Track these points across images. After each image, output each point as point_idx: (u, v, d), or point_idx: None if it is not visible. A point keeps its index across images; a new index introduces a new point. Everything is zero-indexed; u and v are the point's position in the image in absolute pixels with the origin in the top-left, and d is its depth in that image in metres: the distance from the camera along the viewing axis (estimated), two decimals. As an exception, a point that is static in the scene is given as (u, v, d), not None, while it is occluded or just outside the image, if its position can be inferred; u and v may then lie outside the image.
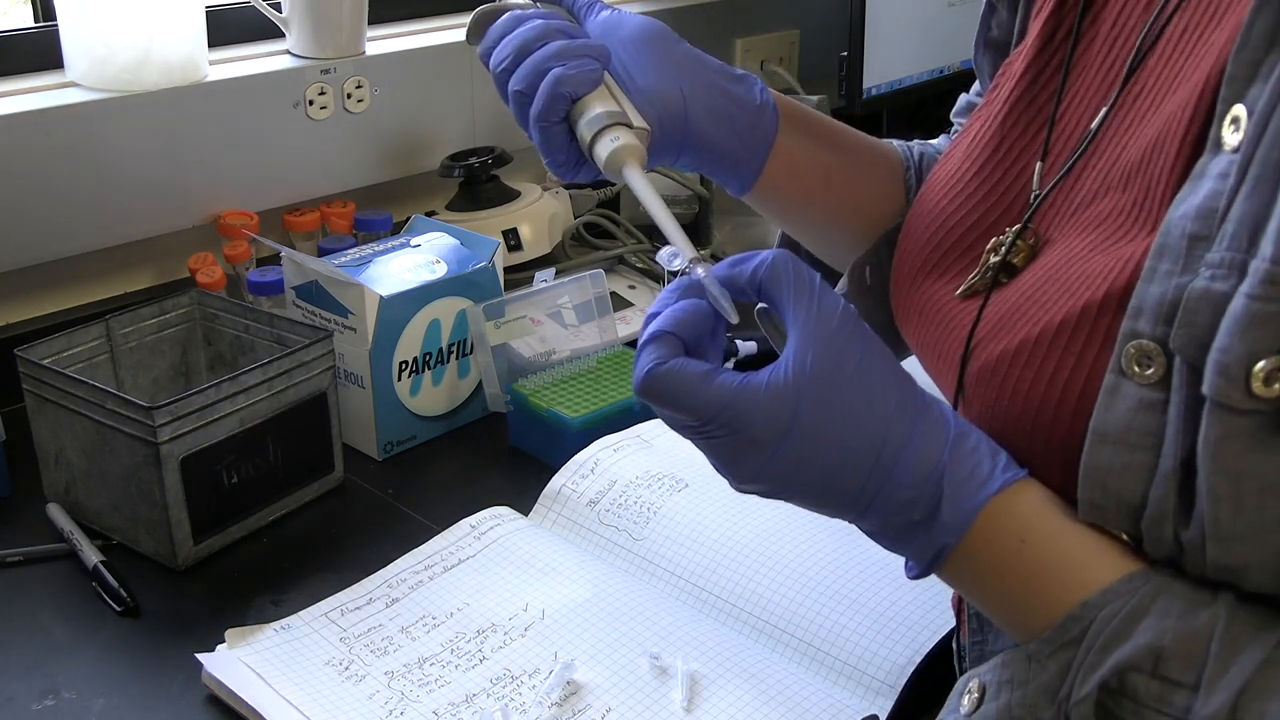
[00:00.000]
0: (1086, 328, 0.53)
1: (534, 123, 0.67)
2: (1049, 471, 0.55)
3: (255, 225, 1.27)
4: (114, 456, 0.93)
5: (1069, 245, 0.58)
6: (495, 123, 1.50)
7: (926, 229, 0.68)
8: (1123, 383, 0.51)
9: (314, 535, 1.00)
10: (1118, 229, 0.56)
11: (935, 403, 0.57)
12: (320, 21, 1.32)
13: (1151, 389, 0.50)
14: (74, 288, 1.25)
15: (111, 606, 0.90)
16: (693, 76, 0.68)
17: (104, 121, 1.19)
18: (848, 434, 0.55)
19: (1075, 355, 0.54)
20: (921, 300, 0.67)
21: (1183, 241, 0.49)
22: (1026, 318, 0.57)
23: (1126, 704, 0.49)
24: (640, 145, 0.65)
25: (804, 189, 0.75)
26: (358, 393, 1.08)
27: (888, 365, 0.56)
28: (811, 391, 0.54)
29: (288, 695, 0.79)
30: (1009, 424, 0.56)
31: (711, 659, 0.82)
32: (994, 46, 0.76)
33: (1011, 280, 0.60)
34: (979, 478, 0.55)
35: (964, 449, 0.55)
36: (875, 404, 0.55)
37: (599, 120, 0.65)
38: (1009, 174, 0.65)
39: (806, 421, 0.54)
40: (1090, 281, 0.54)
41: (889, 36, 1.53)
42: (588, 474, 1.00)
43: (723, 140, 0.70)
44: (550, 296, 1.17)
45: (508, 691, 0.80)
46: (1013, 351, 0.57)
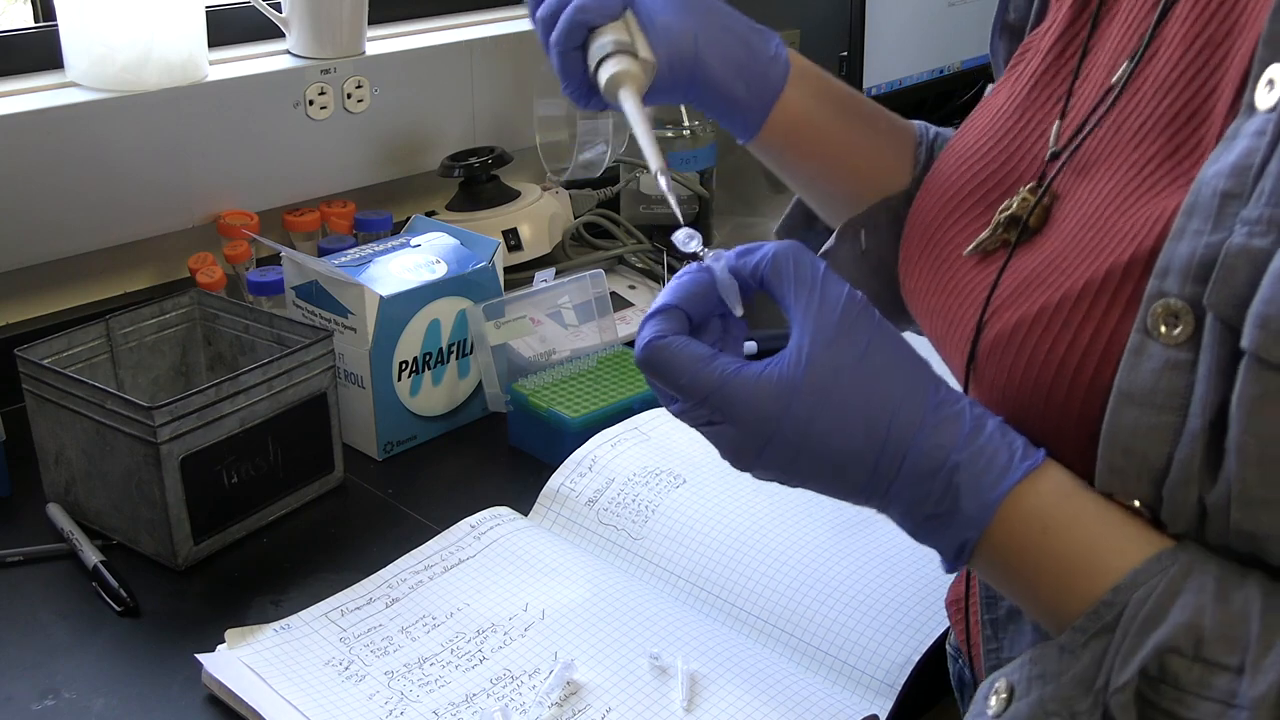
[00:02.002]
0: (1110, 291, 0.53)
1: (553, 47, 0.71)
2: (1063, 441, 0.55)
3: (255, 225, 1.27)
4: (114, 456, 0.93)
5: (1086, 204, 0.57)
6: (495, 123, 1.50)
7: (942, 192, 0.68)
8: (1148, 343, 0.50)
9: (314, 535, 1.00)
10: (1140, 186, 0.55)
11: (952, 394, 0.56)
12: (320, 21, 1.32)
13: (1178, 349, 0.49)
14: (74, 288, 1.25)
15: (111, 606, 0.90)
16: (710, 21, 0.72)
17: (104, 121, 1.19)
18: (846, 429, 0.54)
19: (1097, 320, 0.53)
20: (933, 263, 0.66)
21: (1214, 200, 0.49)
22: (1046, 283, 0.56)
23: (1167, 691, 0.48)
24: (640, 74, 0.69)
25: (806, 145, 0.77)
26: (358, 393, 1.08)
27: (896, 357, 0.56)
28: (805, 386, 0.54)
29: (288, 695, 0.79)
30: (1024, 393, 0.56)
31: (711, 659, 0.82)
32: (1010, 31, 0.76)
33: (1029, 244, 0.60)
34: (997, 468, 0.54)
35: (980, 439, 0.54)
36: (877, 399, 0.55)
37: (605, 47, 0.69)
38: (1029, 137, 0.65)
39: (800, 415, 0.54)
40: (1115, 245, 0.54)
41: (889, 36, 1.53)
42: (586, 471, 1.00)
43: (730, 85, 0.73)
44: (550, 296, 1.17)
45: (508, 691, 0.80)
46: (1031, 318, 0.56)
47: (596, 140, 1.37)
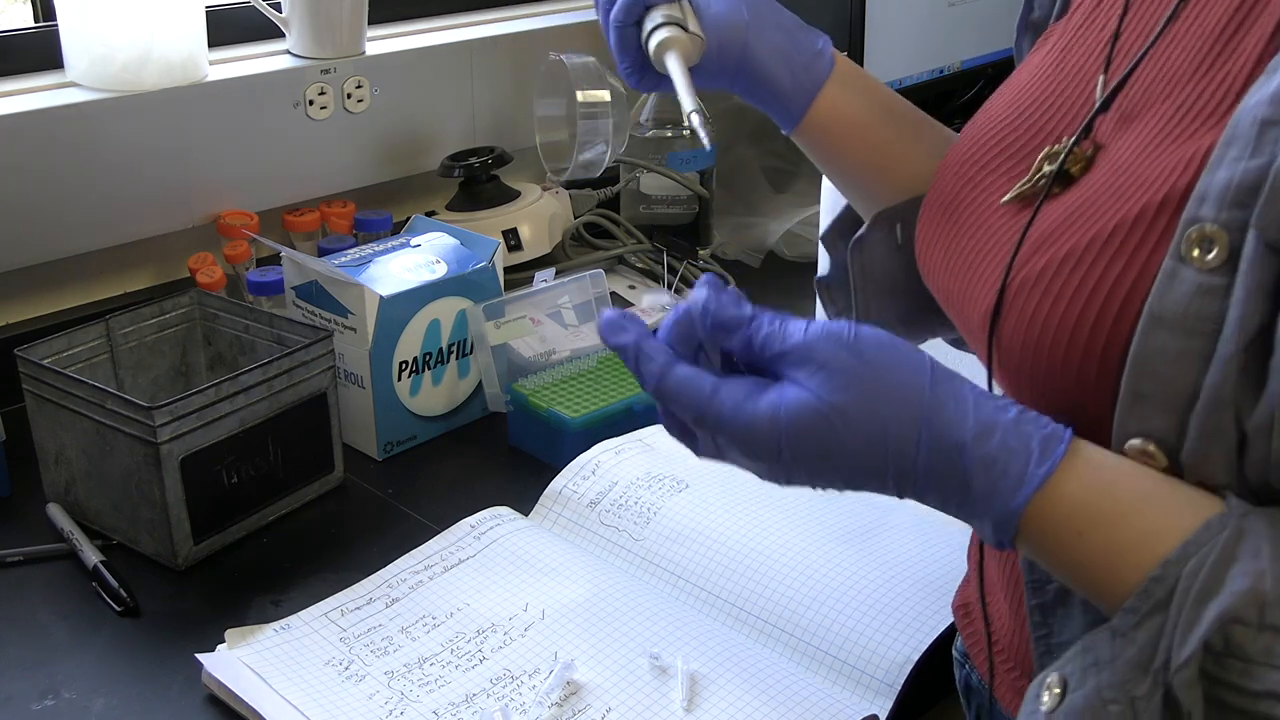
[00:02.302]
0: (1142, 229, 0.53)
1: (611, 23, 0.76)
2: (1085, 382, 0.54)
3: (255, 225, 1.27)
4: (114, 456, 0.93)
5: (1123, 152, 0.57)
6: (495, 123, 1.50)
7: (978, 141, 0.68)
8: (1181, 268, 0.50)
9: (314, 535, 1.00)
10: (1173, 131, 0.55)
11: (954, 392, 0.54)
12: (320, 21, 1.32)
13: (1212, 274, 0.49)
14: (74, 288, 1.25)
15: (111, 606, 0.90)
16: (760, 13, 0.76)
17: (104, 121, 1.19)
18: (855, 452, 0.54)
19: (1127, 256, 0.53)
20: (961, 214, 0.66)
21: (1253, 128, 0.49)
22: (1076, 227, 0.56)
23: (1233, 664, 0.47)
24: (688, 44, 0.74)
25: (845, 138, 0.79)
26: (358, 393, 1.08)
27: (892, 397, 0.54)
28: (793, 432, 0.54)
29: (288, 695, 0.79)
30: (1047, 337, 0.55)
31: (711, 659, 0.82)
32: (1034, 29, 0.76)
33: (1064, 193, 0.59)
34: (1011, 480, 0.53)
35: (987, 452, 0.53)
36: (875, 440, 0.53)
37: (656, 18, 0.74)
38: (1069, 92, 0.64)
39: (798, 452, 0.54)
40: (1148, 185, 0.54)
41: (889, 36, 1.53)
42: (589, 475, 1.00)
43: (775, 72, 0.76)
44: (550, 296, 1.17)
45: (508, 691, 0.80)
46: (1060, 259, 0.56)
47: (596, 140, 1.37)
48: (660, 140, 1.46)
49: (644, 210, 1.48)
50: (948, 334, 0.82)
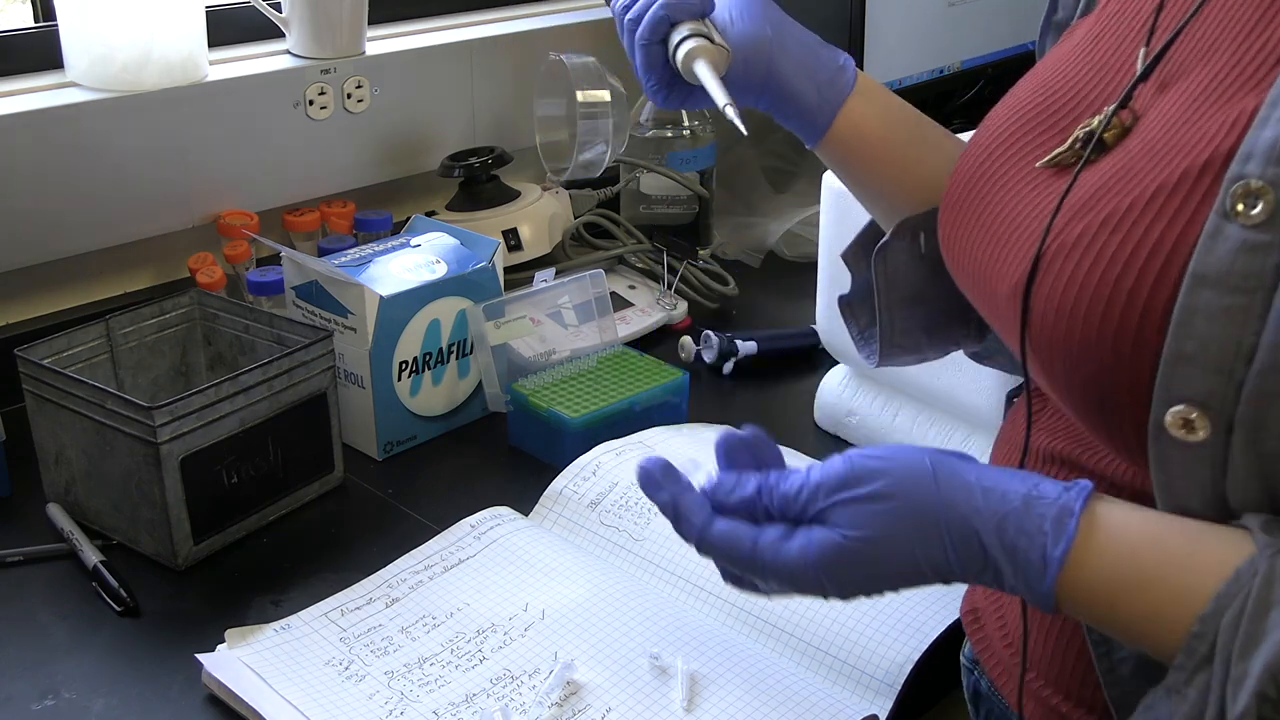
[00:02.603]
0: (1185, 190, 0.53)
1: (637, 42, 0.78)
2: (1123, 347, 0.54)
3: (255, 225, 1.27)
4: (114, 456, 0.93)
5: (1161, 118, 0.57)
6: (495, 123, 1.50)
7: (1005, 122, 0.67)
8: (1225, 225, 0.50)
9: (314, 535, 1.00)
10: (1216, 95, 0.55)
11: (966, 517, 0.56)
12: (320, 21, 1.32)
13: (1256, 230, 0.49)
14: (74, 288, 1.25)
15: (111, 606, 0.90)
16: (783, 31, 0.78)
17: (104, 121, 1.19)
18: (890, 580, 0.57)
19: (1169, 217, 0.53)
20: (991, 182, 0.66)
21: None
22: (1116, 191, 0.56)
23: None
24: (715, 53, 0.76)
25: (868, 150, 0.80)
26: (358, 393, 1.08)
27: (906, 512, 0.56)
28: (827, 569, 0.57)
29: (288, 695, 0.79)
30: (1084, 298, 0.55)
31: (711, 659, 0.82)
32: (1058, 29, 0.76)
33: (1102, 159, 0.59)
34: (1034, 567, 0.54)
35: (1006, 542, 0.54)
36: (905, 555, 0.56)
37: (683, 32, 0.77)
38: (1107, 65, 0.64)
39: (841, 583, 0.58)
40: (1189, 149, 0.54)
41: (889, 36, 1.53)
42: (589, 476, 1.00)
43: (801, 87, 0.78)
44: (550, 296, 1.17)
45: (508, 691, 0.80)
46: (1099, 223, 0.56)
47: (596, 140, 1.37)
48: (660, 140, 1.46)
49: (644, 210, 1.48)
50: (970, 345, 0.82)
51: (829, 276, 1.10)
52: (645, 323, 1.32)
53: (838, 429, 1.14)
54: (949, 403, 1.03)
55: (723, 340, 1.25)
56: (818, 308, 1.12)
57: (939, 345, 0.82)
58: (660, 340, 1.32)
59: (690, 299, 1.38)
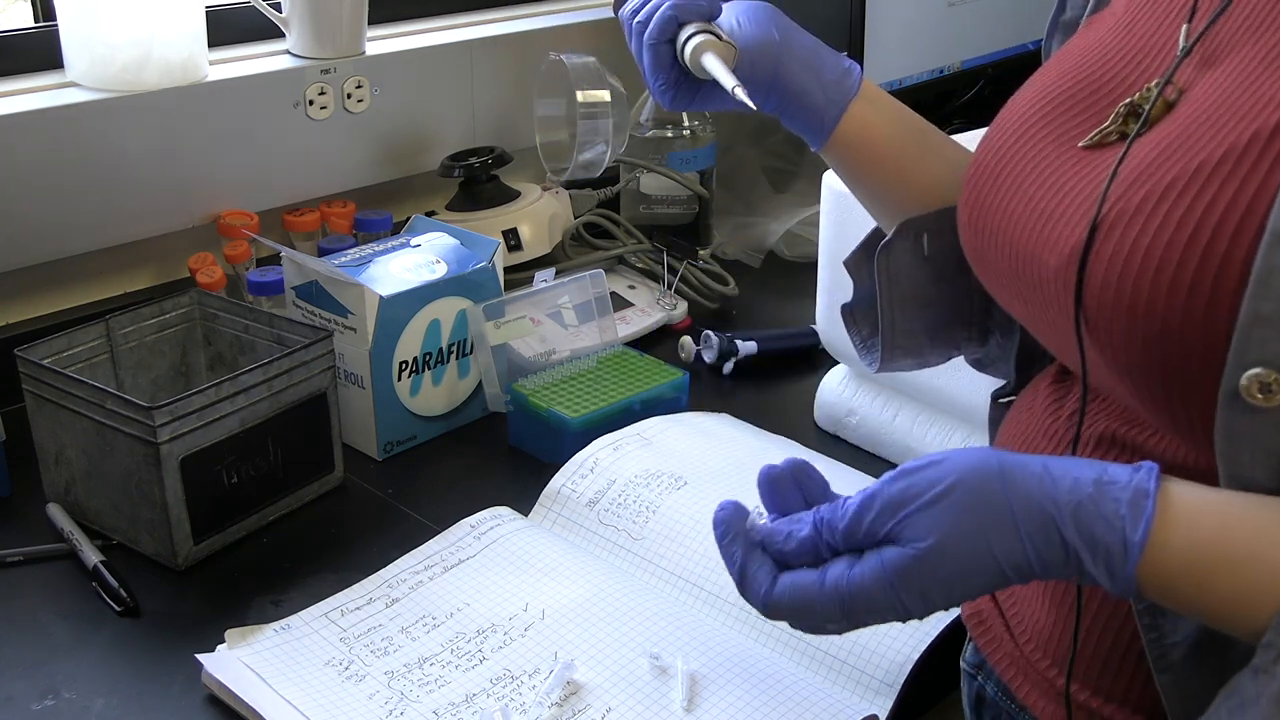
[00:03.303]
0: (1256, 151, 0.52)
1: (646, 43, 0.79)
2: (1193, 312, 0.52)
3: (255, 225, 1.27)
4: (114, 456, 0.93)
5: (1214, 90, 0.57)
6: (495, 123, 1.50)
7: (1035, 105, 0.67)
8: None
9: (314, 535, 1.00)
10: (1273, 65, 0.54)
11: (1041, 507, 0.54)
12: (320, 21, 1.32)
13: None
14: (74, 288, 1.25)
15: (111, 606, 0.90)
16: (789, 35, 0.80)
17: (104, 121, 1.19)
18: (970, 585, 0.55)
19: (1241, 178, 0.52)
20: (1027, 162, 0.65)
21: None
22: (1176, 158, 0.55)
23: None
24: (723, 48, 0.77)
25: (872, 153, 0.81)
26: (358, 393, 1.08)
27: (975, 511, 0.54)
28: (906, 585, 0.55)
29: (288, 695, 0.79)
30: (1150, 263, 0.54)
31: (711, 659, 0.82)
32: (1066, 29, 0.76)
33: (1151, 132, 0.58)
34: (1115, 553, 0.52)
35: (1083, 532, 0.53)
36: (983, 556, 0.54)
37: (690, 29, 0.78)
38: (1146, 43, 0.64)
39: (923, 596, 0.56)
40: (1254, 114, 0.53)
41: (889, 36, 1.53)
42: (587, 473, 1.00)
43: (806, 88, 0.79)
44: (550, 296, 1.17)
45: (508, 691, 0.80)
46: (1162, 189, 0.54)
47: (596, 140, 1.37)
48: (660, 140, 1.46)
49: (644, 210, 1.48)
50: (972, 351, 0.82)
51: (829, 276, 1.10)
52: (645, 323, 1.32)
53: (838, 429, 1.14)
54: (949, 403, 1.03)
55: (723, 340, 1.25)
56: (818, 308, 1.12)
57: (940, 349, 0.82)
58: (660, 340, 1.32)
59: (690, 299, 1.38)
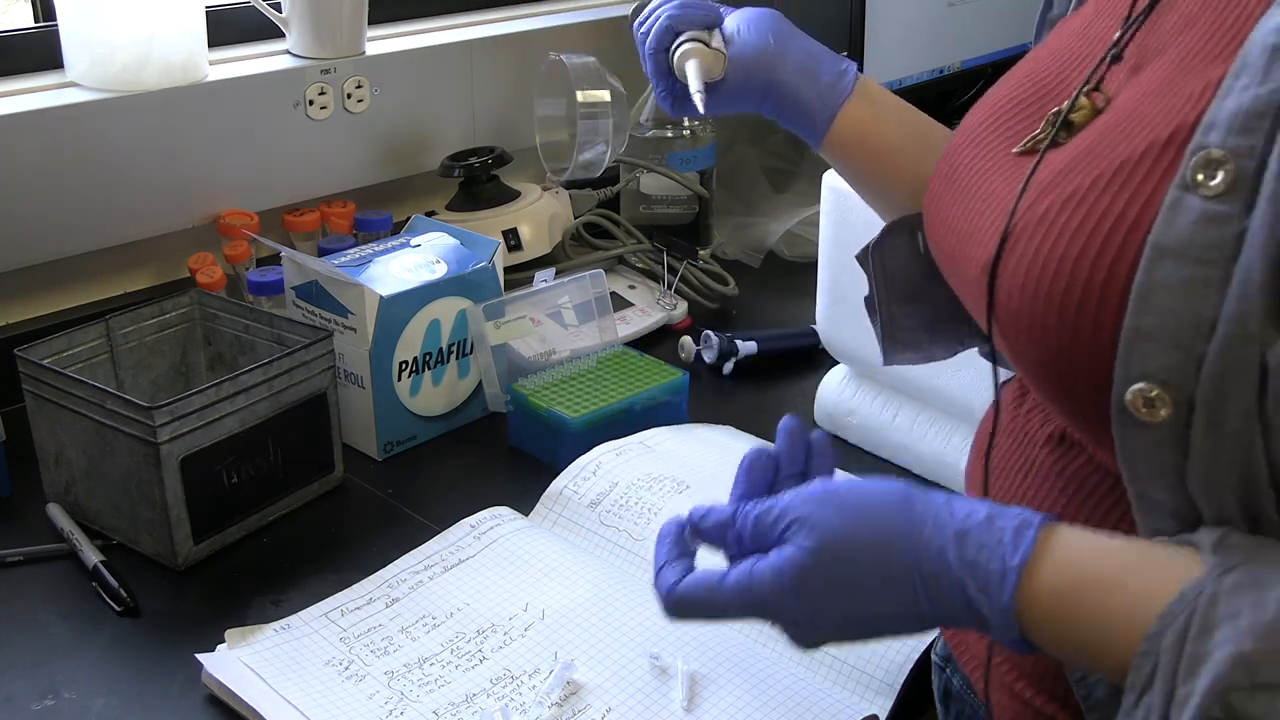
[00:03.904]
0: (1148, 164, 0.52)
1: (647, 52, 0.84)
2: (1084, 323, 0.53)
3: (255, 225, 1.27)
4: (114, 456, 0.93)
5: (1130, 98, 0.57)
6: (495, 123, 1.50)
7: (986, 111, 0.68)
8: (1186, 196, 0.49)
9: (314, 535, 1.00)
10: (1183, 71, 0.55)
11: (934, 532, 0.55)
12: (320, 21, 1.32)
13: (1217, 201, 0.48)
14: (74, 288, 1.25)
15: (111, 606, 0.90)
16: (786, 41, 0.82)
17: (104, 121, 1.19)
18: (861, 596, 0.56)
19: (1131, 190, 0.52)
20: (967, 168, 0.66)
21: (1263, 55, 0.48)
22: (1082, 168, 0.56)
23: None
24: (709, 55, 0.81)
25: (868, 151, 0.83)
26: (358, 393, 1.08)
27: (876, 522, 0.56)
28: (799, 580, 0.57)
29: (288, 695, 0.79)
30: (1048, 274, 0.54)
31: (711, 659, 0.82)
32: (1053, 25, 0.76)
33: (1072, 139, 0.59)
34: (994, 578, 0.53)
35: (968, 556, 0.54)
36: (879, 562, 0.55)
37: (682, 40, 0.82)
38: (1087, 51, 0.64)
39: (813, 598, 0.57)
40: (1153, 123, 0.53)
41: (889, 36, 1.53)
42: (589, 476, 1.00)
43: (800, 93, 0.81)
44: (550, 296, 1.17)
45: (508, 691, 0.80)
46: (1064, 198, 0.55)
47: (596, 140, 1.37)
48: (660, 140, 1.46)
49: (644, 210, 1.48)
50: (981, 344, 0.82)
51: (829, 276, 1.10)
52: (645, 323, 1.32)
53: (838, 429, 1.14)
54: (949, 403, 1.03)
55: (723, 340, 1.25)
56: (818, 308, 1.12)
57: (942, 344, 0.82)
58: (660, 340, 1.32)
59: (690, 299, 1.38)
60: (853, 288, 1.07)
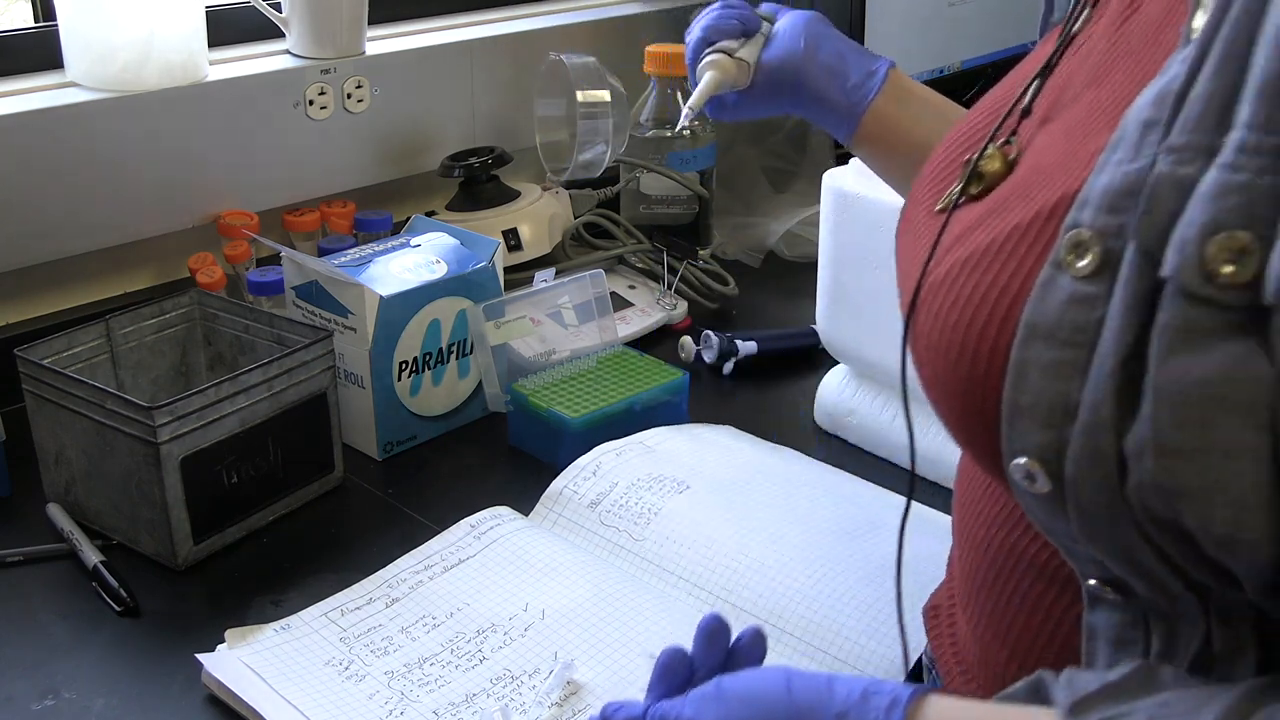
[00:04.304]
0: (1034, 233, 0.51)
1: (688, 64, 0.90)
2: (975, 390, 0.52)
3: (255, 225, 1.27)
4: (114, 456, 0.93)
5: (1037, 153, 0.56)
6: (495, 123, 1.50)
7: (936, 151, 0.68)
8: (1058, 275, 0.48)
9: (314, 535, 1.00)
10: (1083, 130, 0.53)
11: (814, 712, 0.57)
12: (320, 21, 1.32)
13: (1084, 282, 0.47)
14: (74, 288, 1.25)
15: (111, 606, 0.90)
16: (818, 44, 0.87)
17: (104, 121, 1.19)
18: None
19: (1017, 261, 0.51)
20: (911, 216, 0.66)
21: (1137, 130, 0.46)
22: (986, 226, 0.55)
23: None
24: (730, 66, 0.87)
25: (898, 148, 0.86)
26: (358, 393, 1.08)
27: (758, 711, 0.58)
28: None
29: (288, 695, 0.79)
30: (945, 338, 0.53)
31: (711, 659, 0.82)
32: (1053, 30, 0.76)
33: (984, 193, 0.58)
34: None
35: None
36: None
37: (710, 50, 0.88)
38: (1011, 99, 0.63)
39: None
40: (1048, 186, 0.52)
41: (889, 36, 1.53)
42: (589, 476, 1.00)
43: (828, 95, 0.87)
44: (550, 296, 1.17)
45: (508, 691, 0.80)
46: (963, 260, 0.54)
47: (596, 140, 1.37)
48: (660, 140, 1.46)
49: (644, 210, 1.48)
50: None
51: (829, 276, 1.10)
52: (645, 323, 1.32)
53: (838, 429, 1.14)
54: (949, 403, 1.03)
55: (723, 340, 1.25)
56: (818, 308, 1.12)
57: None
58: (660, 340, 1.32)
59: (690, 299, 1.38)
60: (853, 287, 1.08)
